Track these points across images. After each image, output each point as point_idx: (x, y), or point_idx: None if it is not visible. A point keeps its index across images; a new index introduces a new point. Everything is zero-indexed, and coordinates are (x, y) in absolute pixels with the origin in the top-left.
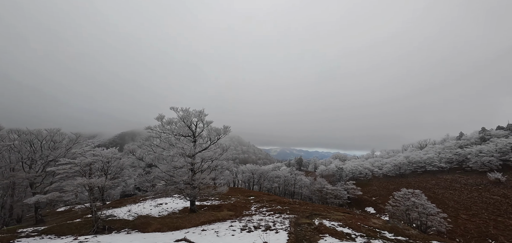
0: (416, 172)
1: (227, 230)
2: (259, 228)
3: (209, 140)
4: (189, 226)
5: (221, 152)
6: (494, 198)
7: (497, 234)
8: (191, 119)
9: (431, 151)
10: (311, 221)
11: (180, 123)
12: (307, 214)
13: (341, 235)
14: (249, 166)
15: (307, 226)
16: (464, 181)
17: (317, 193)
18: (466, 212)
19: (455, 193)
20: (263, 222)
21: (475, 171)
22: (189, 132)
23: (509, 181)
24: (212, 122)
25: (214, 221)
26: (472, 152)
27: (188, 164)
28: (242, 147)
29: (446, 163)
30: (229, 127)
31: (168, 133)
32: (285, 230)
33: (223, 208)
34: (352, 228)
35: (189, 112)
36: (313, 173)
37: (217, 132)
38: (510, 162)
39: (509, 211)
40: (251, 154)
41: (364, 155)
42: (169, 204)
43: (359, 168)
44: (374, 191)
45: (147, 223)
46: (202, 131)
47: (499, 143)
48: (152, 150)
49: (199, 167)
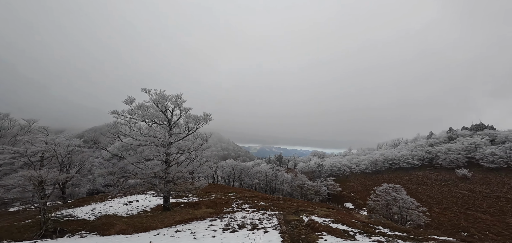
0: (391, 168)
1: (207, 231)
2: (244, 227)
3: (187, 129)
4: (161, 226)
5: (201, 142)
6: (462, 192)
7: (468, 226)
8: (166, 104)
9: (404, 149)
10: (299, 217)
11: (153, 108)
12: (293, 210)
13: (339, 232)
14: (229, 161)
15: (297, 223)
16: (435, 177)
17: (298, 189)
18: (439, 206)
19: (427, 188)
20: (247, 220)
21: (444, 168)
22: (164, 119)
23: (475, 177)
24: (191, 109)
25: (191, 220)
26: (441, 150)
27: (162, 155)
28: (222, 144)
29: (418, 160)
30: (210, 115)
31: (138, 119)
32: (275, 229)
33: (202, 205)
34: (346, 224)
35: (164, 95)
36: (293, 170)
37: (197, 119)
38: (474, 159)
39: (477, 205)
40: (231, 151)
41: (342, 153)
42: (140, 202)
43: (338, 165)
44: (352, 187)
45: (109, 224)
46: (179, 118)
47: (465, 142)
48: (118, 138)
49: (175, 158)
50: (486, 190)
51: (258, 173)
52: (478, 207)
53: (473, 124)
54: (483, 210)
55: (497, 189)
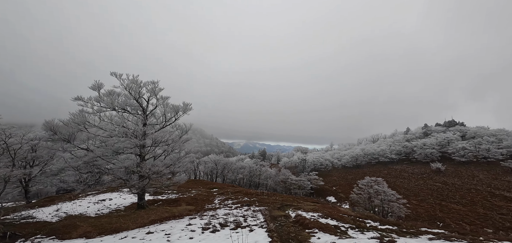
0: (371, 163)
1: (184, 231)
2: (226, 226)
3: (165, 119)
4: (133, 227)
5: (180, 134)
6: (437, 185)
7: (444, 217)
8: (139, 90)
9: (383, 144)
10: (285, 213)
11: (125, 95)
12: (278, 205)
13: (330, 228)
14: (212, 156)
15: (284, 219)
16: (411, 171)
17: (282, 184)
18: (416, 198)
19: (404, 181)
20: (230, 217)
21: (420, 161)
22: (138, 108)
23: (448, 170)
24: (169, 97)
25: (168, 218)
26: (417, 145)
27: (135, 147)
28: (205, 140)
29: (396, 155)
30: (190, 104)
31: (107, 107)
32: (261, 227)
33: (181, 202)
34: (335, 219)
35: (137, 81)
36: (276, 165)
37: (175, 109)
38: (447, 154)
39: (450, 196)
40: (214, 147)
41: (324, 148)
42: (115, 200)
43: (321, 160)
44: (334, 181)
45: (72, 226)
46: (156, 108)
47: (438, 137)
48: (84, 128)
49: (150, 151)
50: (458, 182)
51: (242, 168)
52: (452, 198)
53: (446, 121)
54: (456, 201)
55: (467, 181)
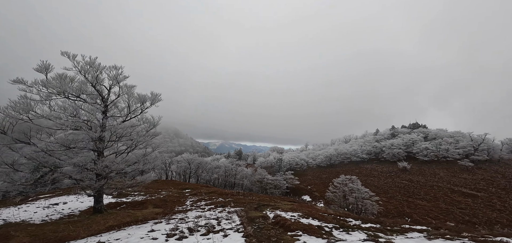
0: (344, 162)
1: (144, 239)
2: (196, 231)
3: (129, 111)
4: (84, 235)
5: (147, 128)
6: (404, 182)
7: (411, 212)
8: (97, 75)
9: (355, 144)
10: (263, 213)
11: (81, 80)
12: (255, 206)
13: (314, 230)
14: (185, 155)
15: (262, 220)
16: (381, 170)
17: (258, 183)
18: (385, 195)
19: (374, 180)
20: (202, 221)
21: (388, 161)
22: (97, 96)
23: (413, 168)
24: (135, 86)
25: (128, 224)
26: (386, 145)
27: (90, 142)
28: (179, 139)
29: (366, 155)
30: (159, 95)
31: (56, 93)
32: (237, 231)
33: (149, 204)
34: (317, 219)
35: (95, 64)
36: (252, 165)
37: (141, 99)
38: (412, 153)
39: (415, 193)
40: (189, 147)
41: (299, 148)
42: (70, 204)
43: (296, 160)
44: (309, 181)
45: (4, 236)
46: (118, 97)
47: (404, 138)
48: (28, 118)
49: (110, 147)
50: (422, 180)
51: (217, 168)
52: (417, 195)
53: (411, 123)
54: (421, 197)
55: (430, 179)
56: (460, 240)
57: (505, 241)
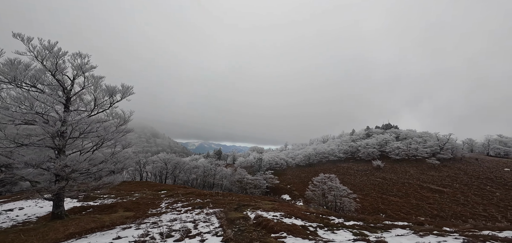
0: (322, 161)
1: None
2: (170, 236)
3: (95, 104)
4: None
5: (118, 123)
6: (378, 180)
7: (385, 208)
8: (57, 62)
9: (332, 144)
10: (243, 214)
11: (39, 69)
12: (235, 206)
13: (298, 230)
14: (161, 155)
15: (243, 221)
16: (356, 168)
17: (237, 183)
18: (361, 192)
19: (351, 178)
20: (177, 224)
21: (363, 160)
22: (57, 86)
23: (386, 167)
24: (103, 77)
25: (92, 230)
26: (361, 145)
27: (46, 138)
28: (156, 139)
29: (343, 154)
30: (131, 87)
31: (7, 80)
32: (216, 235)
33: (119, 207)
34: (300, 218)
35: (53, 50)
36: (232, 165)
37: (110, 91)
38: (385, 152)
39: (389, 190)
40: (166, 147)
41: (278, 148)
42: (26, 209)
43: (276, 159)
44: (288, 180)
45: None
46: (83, 88)
47: (378, 138)
48: None
49: (72, 144)
50: (394, 177)
51: (196, 168)
52: (390, 191)
53: (384, 124)
54: (394, 194)
55: (402, 176)
56: (452, 237)
57: (491, 234)
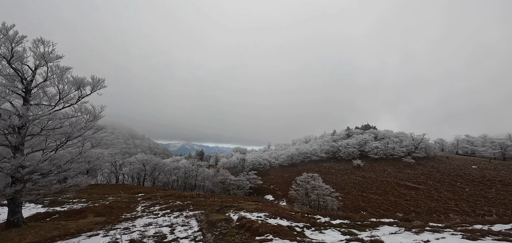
0: (304, 161)
1: None
2: None
3: (60, 97)
4: None
5: (88, 119)
6: (358, 179)
7: (366, 206)
8: (13, 47)
9: (314, 144)
10: (225, 215)
11: None
12: (217, 208)
13: (285, 231)
14: (139, 156)
15: (225, 224)
16: (338, 167)
17: (220, 184)
18: (342, 191)
19: (333, 177)
20: (152, 230)
21: (344, 159)
22: (15, 76)
23: (365, 166)
24: (71, 68)
25: (54, 238)
26: (342, 145)
27: (1, 135)
28: (135, 140)
29: (325, 154)
30: (103, 80)
31: None
32: (194, 239)
33: (89, 212)
34: (285, 218)
35: (8, 33)
36: (214, 166)
37: (78, 83)
38: (365, 152)
39: (368, 188)
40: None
41: (262, 149)
42: None
43: (259, 160)
44: (272, 180)
45: None
46: (46, 80)
47: (358, 138)
48: None
49: (29, 140)
50: (373, 176)
51: (176, 169)
52: (370, 190)
53: (363, 125)
54: (373, 192)
55: (380, 174)
56: (448, 233)
57: (488, 228)
